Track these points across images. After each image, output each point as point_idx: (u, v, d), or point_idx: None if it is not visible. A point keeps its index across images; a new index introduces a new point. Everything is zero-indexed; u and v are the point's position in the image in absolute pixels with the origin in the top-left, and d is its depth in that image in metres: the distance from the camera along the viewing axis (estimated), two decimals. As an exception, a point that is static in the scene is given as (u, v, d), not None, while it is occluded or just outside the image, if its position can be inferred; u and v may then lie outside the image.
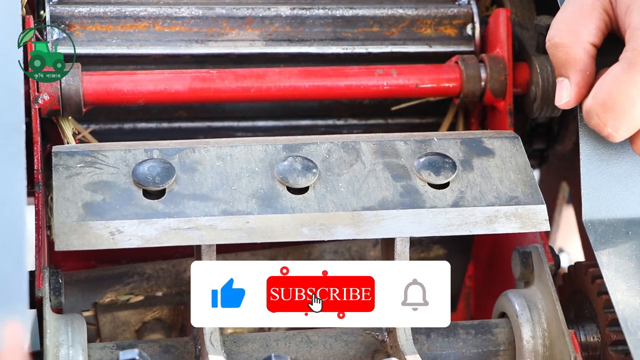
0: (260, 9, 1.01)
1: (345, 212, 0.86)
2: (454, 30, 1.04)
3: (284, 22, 1.02)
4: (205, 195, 0.86)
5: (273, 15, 1.01)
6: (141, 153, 0.89)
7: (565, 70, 0.88)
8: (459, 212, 0.87)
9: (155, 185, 0.86)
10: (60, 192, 0.85)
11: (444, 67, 1.02)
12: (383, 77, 1.00)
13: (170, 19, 0.99)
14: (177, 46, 1.00)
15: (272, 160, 0.89)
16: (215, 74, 0.98)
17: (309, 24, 1.02)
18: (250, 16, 1.01)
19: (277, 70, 1.00)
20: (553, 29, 0.89)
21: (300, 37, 1.02)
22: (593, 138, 0.90)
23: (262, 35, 1.01)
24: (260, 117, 1.07)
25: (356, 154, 0.90)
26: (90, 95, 0.95)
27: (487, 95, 1.01)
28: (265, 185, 0.87)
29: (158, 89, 0.97)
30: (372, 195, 0.87)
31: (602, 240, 0.88)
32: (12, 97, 0.79)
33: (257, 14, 1.01)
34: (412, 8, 1.04)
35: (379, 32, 1.03)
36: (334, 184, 0.88)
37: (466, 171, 0.90)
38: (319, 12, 1.02)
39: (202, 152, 0.89)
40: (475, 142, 0.92)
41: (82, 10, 0.98)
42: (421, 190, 0.88)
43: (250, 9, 1.01)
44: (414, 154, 0.91)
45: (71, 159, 0.88)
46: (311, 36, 1.02)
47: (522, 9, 1.07)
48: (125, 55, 0.98)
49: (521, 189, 0.89)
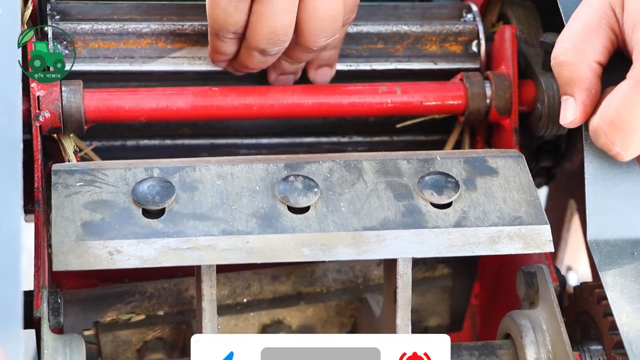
0: None
1: (346, 232, 0.85)
2: (459, 47, 1.04)
3: None
4: (205, 215, 0.85)
5: None
6: (141, 171, 0.88)
7: (571, 88, 0.87)
8: (462, 232, 0.86)
9: (154, 205, 0.85)
10: (59, 211, 0.85)
11: (449, 85, 1.01)
12: (387, 95, 0.99)
13: (173, 35, 0.99)
14: (180, 63, 0.99)
15: (273, 179, 0.88)
16: (218, 91, 0.97)
17: None
18: None
19: (280, 87, 0.99)
20: (558, 47, 0.88)
21: None
22: (598, 157, 0.89)
23: None
24: (263, 135, 1.07)
25: (358, 173, 0.89)
26: (91, 112, 0.95)
27: (493, 112, 1.00)
28: (266, 205, 0.86)
29: (160, 106, 0.96)
30: (373, 215, 0.86)
31: (607, 260, 0.86)
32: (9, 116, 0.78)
33: None
34: (417, 25, 1.03)
35: (383, 48, 1.03)
36: (335, 203, 0.87)
37: (469, 191, 0.89)
38: None
39: (203, 171, 0.89)
40: (478, 161, 0.91)
41: (84, 27, 0.98)
42: (423, 210, 0.87)
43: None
44: (416, 173, 0.90)
45: (71, 178, 0.87)
46: None
47: (528, 25, 1.06)
48: (128, 72, 0.98)
49: (525, 209, 0.88)
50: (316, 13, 0.91)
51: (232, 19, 0.91)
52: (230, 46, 0.95)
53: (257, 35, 0.91)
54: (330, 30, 0.92)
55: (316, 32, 0.92)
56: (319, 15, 0.91)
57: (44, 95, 0.93)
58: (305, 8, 0.90)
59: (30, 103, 0.93)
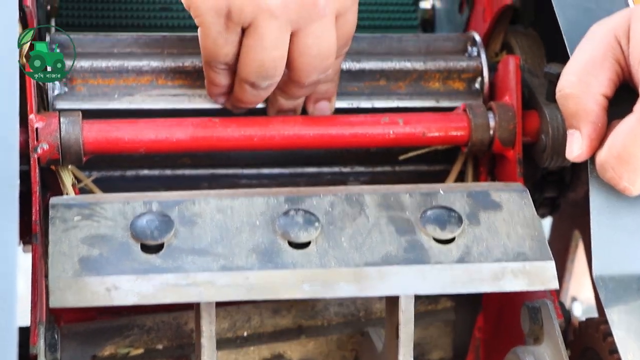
0: None
1: (347, 268, 0.84)
2: (463, 84, 1.02)
3: None
4: (204, 250, 0.84)
5: None
6: (140, 205, 0.87)
7: (576, 122, 0.86)
8: (465, 268, 0.85)
9: (153, 239, 0.84)
10: (56, 246, 0.83)
11: (452, 116, 1.00)
12: (389, 126, 0.98)
13: (173, 72, 0.98)
14: (180, 101, 0.98)
15: (273, 213, 0.87)
16: (218, 122, 0.96)
17: None
18: None
19: (281, 118, 0.98)
20: (563, 79, 0.86)
21: None
22: (604, 190, 0.88)
23: None
24: (265, 165, 1.05)
25: (360, 207, 0.88)
26: (90, 144, 0.94)
27: (496, 144, 0.99)
28: (266, 240, 0.85)
29: (159, 137, 0.95)
30: (375, 250, 0.85)
31: (612, 297, 0.85)
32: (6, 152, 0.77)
33: None
34: (421, 61, 1.02)
35: (385, 86, 1.01)
36: (336, 238, 0.86)
37: (472, 225, 0.87)
38: None
39: (202, 204, 0.87)
40: (482, 195, 0.90)
41: (84, 64, 0.97)
42: (426, 246, 0.86)
43: None
44: (419, 207, 0.88)
45: (68, 212, 0.86)
46: None
47: (532, 54, 1.05)
48: (128, 110, 0.97)
49: (529, 244, 0.87)
50: (307, 50, 0.90)
51: (223, 50, 0.91)
52: (223, 77, 0.94)
53: (247, 68, 0.91)
54: (321, 67, 0.91)
55: (307, 68, 0.91)
56: (310, 53, 0.90)
57: (43, 127, 0.92)
58: (297, 44, 0.90)
59: (28, 134, 0.92)
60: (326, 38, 0.90)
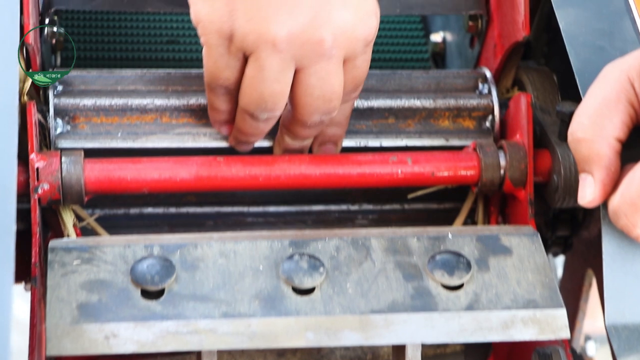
0: None
1: (352, 316, 0.82)
2: (473, 122, 1.00)
3: None
4: (206, 296, 0.82)
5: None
6: (141, 249, 0.85)
7: (589, 166, 0.84)
8: (474, 316, 0.83)
9: (154, 285, 0.82)
10: (54, 291, 0.82)
11: (462, 155, 0.97)
12: (398, 165, 0.96)
13: (178, 110, 0.96)
14: (184, 140, 0.96)
15: (277, 258, 0.85)
16: (223, 161, 0.94)
17: None
18: None
19: (287, 157, 0.96)
20: (575, 123, 0.84)
21: None
22: (616, 236, 0.85)
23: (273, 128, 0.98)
24: (271, 203, 1.04)
25: (366, 251, 0.86)
26: (92, 183, 0.92)
27: (507, 184, 0.97)
28: (270, 285, 0.83)
29: (163, 177, 0.93)
30: (381, 297, 0.83)
31: (626, 347, 0.83)
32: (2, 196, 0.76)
33: None
34: (430, 99, 1.00)
35: (394, 124, 0.99)
36: (341, 284, 0.84)
37: (481, 271, 0.85)
38: None
39: (205, 248, 0.86)
40: (491, 240, 0.88)
41: (87, 103, 0.95)
42: (434, 292, 0.84)
43: None
44: (427, 251, 0.86)
45: (68, 256, 0.84)
46: None
47: (544, 91, 1.03)
48: (131, 149, 0.95)
49: (539, 291, 0.84)
50: (310, 90, 0.88)
51: (223, 74, 0.89)
52: (222, 102, 0.92)
53: (247, 97, 0.89)
54: (323, 108, 0.89)
55: (310, 109, 0.89)
56: (312, 93, 0.88)
57: (44, 167, 0.90)
58: (300, 82, 0.88)
59: (28, 174, 0.90)
60: (331, 80, 0.88)
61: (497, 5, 1.04)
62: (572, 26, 0.93)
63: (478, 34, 1.08)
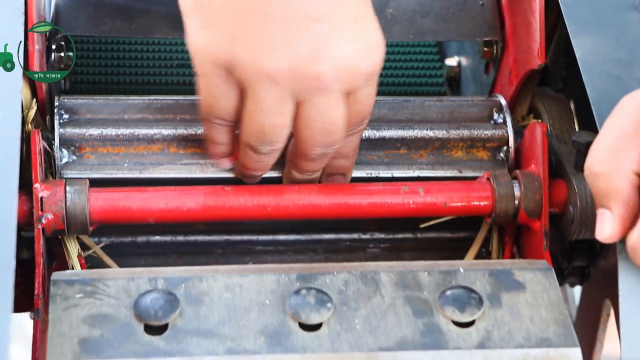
0: None
1: (360, 353, 0.80)
2: (487, 153, 0.98)
3: None
4: (211, 331, 0.80)
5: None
6: (145, 282, 0.83)
7: (607, 201, 0.81)
8: (485, 355, 0.80)
9: (157, 320, 0.81)
10: (55, 325, 0.80)
11: (475, 185, 0.95)
12: (409, 195, 0.94)
13: (185, 140, 0.94)
14: (192, 170, 0.94)
15: (284, 292, 0.83)
16: (230, 191, 0.93)
17: None
18: None
19: (296, 186, 0.94)
20: (592, 156, 0.82)
21: None
22: (633, 272, 0.83)
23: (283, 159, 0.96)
24: (281, 231, 1.02)
25: (375, 286, 0.84)
26: (96, 213, 0.90)
27: (521, 214, 0.95)
28: (276, 321, 0.81)
29: (169, 206, 0.92)
30: (390, 333, 0.81)
31: (642, 385, 0.80)
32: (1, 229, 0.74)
33: None
34: (444, 130, 0.97)
35: (406, 154, 0.97)
36: (349, 320, 0.82)
37: (494, 308, 0.83)
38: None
39: (210, 282, 0.84)
40: (504, 274, 0.85)
41: (93, 132, 0.93)
42: (444, 329, 0.82)
43: None
44: (437, 286, 0.84)
45: (70, 289, 0.83)
46: None
47: (560, 120, 1.00)
48: (138, 179, 0.93)
49: (553, 329, 0.82)
50: (310, 123, 0.86)
51: (219, 103, 0.87)
52: (220, 134, 0.90)
53: (248, 130, 0.87)
54: (325, 141, 0.88)
55: (311, 141, 0.87)
56: (313, 126, 0.86)
57: (48, 196, 0.88)
58: (301, 116, 0.86)
59: (32, 204, 0.89)
60: (331, 113, 0.86)
61: (513, 31, 1.02)
62: (589, 55, 0.91)
63: (493, 60, 1.06)
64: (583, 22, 0.94)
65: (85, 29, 0.99)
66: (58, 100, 0.95)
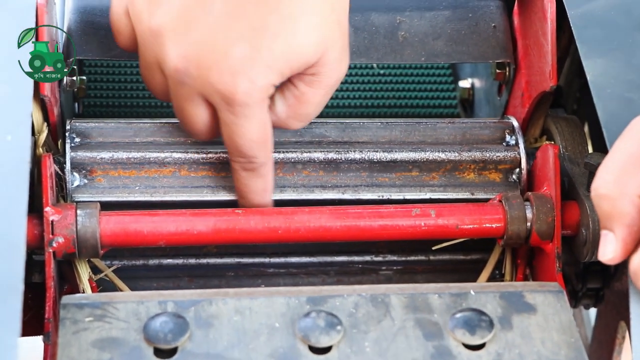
0: (292, 152, 0.96)
1: (370, 377, 0.80)
2: (499, 175, 0.98)
3: (317, 166, 0.96)
4: (220, 355, 0.80)
5: (306, 160, 0.96)
6: (154, 305, 0.83)
7: (610, 223, 0.81)
8: (496, 378, 0.80)
9: (166, 343, 0.81)
10: (64, 350, 0.80)
11: (487, 207, 0.95)
12: (421, 218, 0.94)
13: (197, 164, 0.95)
14: (203, 193, 0.94)
15: (294, 315, 0.83)
16: (241, 213, 0.93)
17: (343, 169, 0.97)
18: (281, 161, 0.96)
19: (307, 209, 0.94)
20: (598, 179, 0.82)
21: (334, 183, 0.96)
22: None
23: (294, 180, 0.96)
24: (293, 254, 1.02)
25: (385, 308, 0.84)
26: (107, 237, 0.90)
27: (534, 237, 0.94)
28: (285, 344, 0.81)
29: (180, 229, 0.92)
30: (400, 356, 0.81)
31: (655, 410, 0.80)
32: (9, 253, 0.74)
33: (288, 158, 0.96)
34: (456, 152, 0.97)
35: (417, 176, 0.97)
36: (359, 343, 0.82)
37: (504, 330, 0.83)
38: (355, 156, 0.96)
39: (220, 305, 0.84)
40: (515, 297, 0.85)
41: (104, 156, 0.94)
42: (454, 352, 0.81)
43: (281, 152, 0.95)
44: (448, 309, 0.84)
45: (80, 312, 0.83)
46: (345, 182, 0.97)
47: (573, 141, 1.00)
48: (149, 202, 0.93)
49: (565, 352, 0.81)
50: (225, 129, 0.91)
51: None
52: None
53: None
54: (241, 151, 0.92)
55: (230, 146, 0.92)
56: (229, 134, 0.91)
57: (58, 220, 0.89)
58: None
59: (43, 227, 0.89)
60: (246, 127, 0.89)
61: (525, 54, 1.02)
62: (600, 77, 0.90)
63: (506, 82, 1.05)
64: (594, 44, 0.94)
65: (97, 53, 0.99)
66: (69, 123, 0.95)
